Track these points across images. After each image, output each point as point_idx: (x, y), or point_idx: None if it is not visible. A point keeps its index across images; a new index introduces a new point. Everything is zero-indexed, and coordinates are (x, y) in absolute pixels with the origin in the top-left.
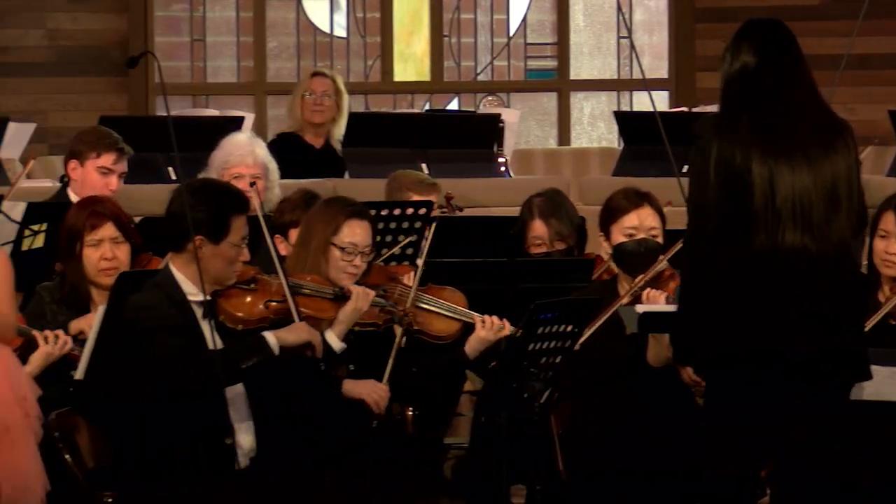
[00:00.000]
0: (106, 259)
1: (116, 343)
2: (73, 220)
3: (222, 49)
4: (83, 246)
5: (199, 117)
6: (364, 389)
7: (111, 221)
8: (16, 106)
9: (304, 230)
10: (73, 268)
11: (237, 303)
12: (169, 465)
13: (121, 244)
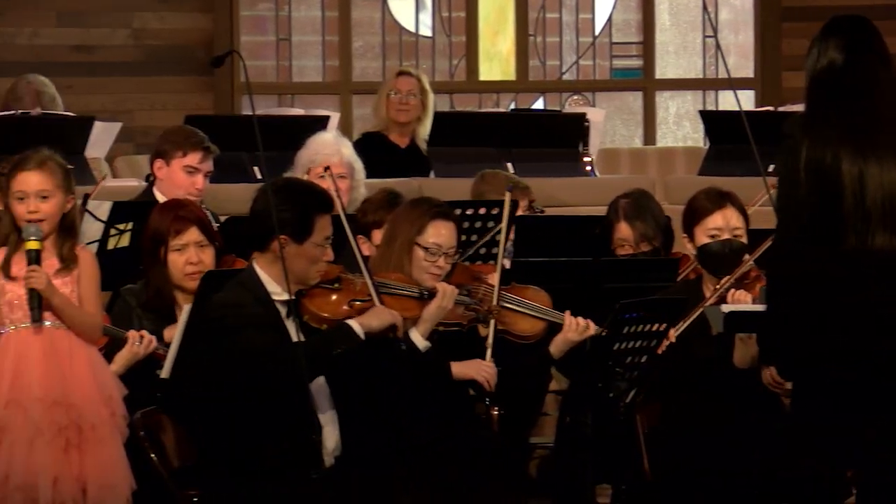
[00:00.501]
0: (191, 263)
1: (202, 341)
2: (157, 224)
3: (308, 48)
4: (168, 251)
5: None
6: (472, 369)
7: (195, 225)
8: (102, 105)
9: (389, 229)
10: (158, 272)
11: (321, 302)
12: (254, 464)
13: (205, 248)
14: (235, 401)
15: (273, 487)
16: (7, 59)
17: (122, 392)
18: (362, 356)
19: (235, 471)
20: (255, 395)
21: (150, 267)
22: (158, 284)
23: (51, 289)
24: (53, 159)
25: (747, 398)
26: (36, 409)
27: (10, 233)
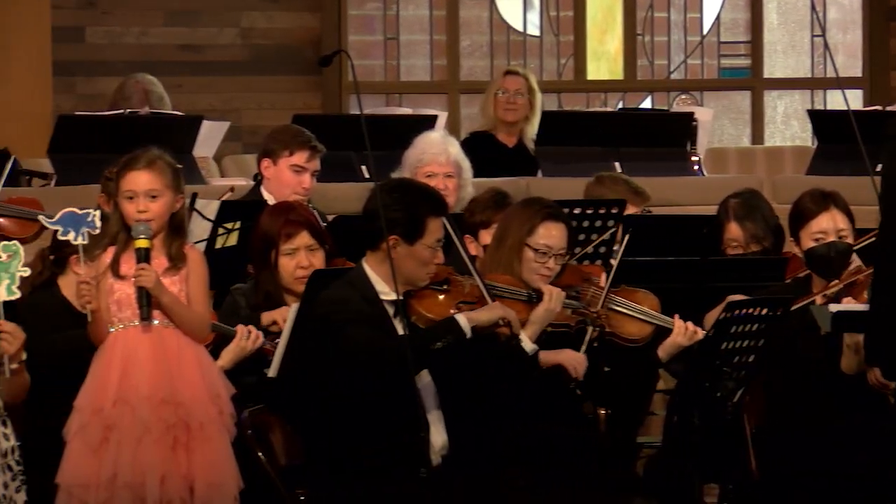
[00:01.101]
0: (302, 267)
1: (309, 339)
2: (268, 228)
3: (416, 47)
4: (279, 255)
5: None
6: (562, 356)
7: (306, 229)
8: (210, 104)
9: (499, 230)
10: (268, 276)
11: (429, 303)
12: (361, 462)
13: (315, 251)
14: (342, 398)
15: (380, 486)
16: (115, 59)
17: (230, 391)
18: (470, 354)
19: (343, 469)
20: (362, 392)
21: (260, 270)
22: (268, 288)
23: (160, 287)
24: (163, 159)
25: (854, 398)
26: (144, 408)
27: (118, 231)
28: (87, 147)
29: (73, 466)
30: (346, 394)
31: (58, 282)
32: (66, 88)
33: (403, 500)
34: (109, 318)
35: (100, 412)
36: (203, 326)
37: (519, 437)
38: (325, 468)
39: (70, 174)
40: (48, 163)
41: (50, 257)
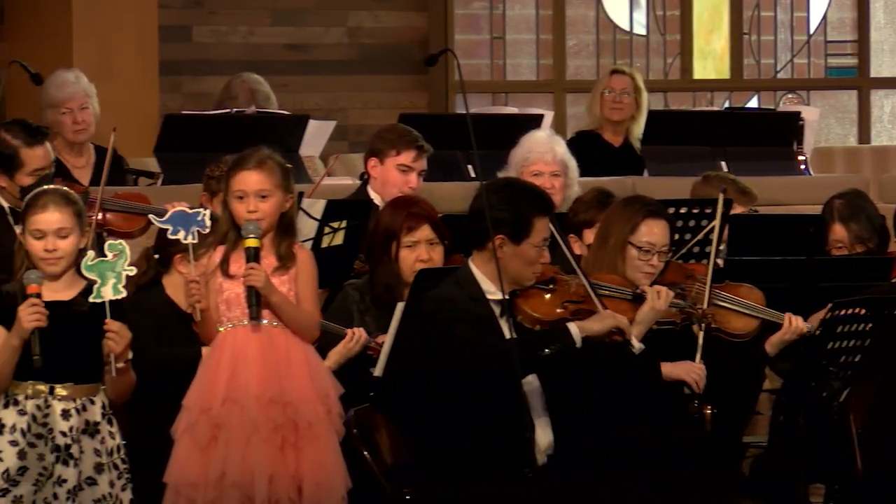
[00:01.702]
0: (422, 261)
1: (415, 338)
2: (389, 221)
3: (522, 47)
4: (399, 247)
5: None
6: (681, 370)
7: (428, 223)
8: (316, 104)
9: (601, 229)
10: (387, 269)
11: (535, 303)
12: (467, 461)
13: (435, 246)
14: (449, 398)
15: (485, 485)
16: (222, 58)
17: (338, 390)
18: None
19: (449, 468)
20: (468, 392)
21: (379, 262)
22: (388, 280)
23: (269, 287)
24: (273, 158)
25: None
26: (252, 407)
27: (228, 231)
28: (194, 146)
29: (181, 465)
30: (453, 393)
31: (162, 281)
32: (172, 88)
33: (508, 499)
34: (218, 317)
35: (208, 411)
36: (312, 326)
37: (624, 437)
38: (431, 467)
39: (176, 173)
40: (154, 162)
41: (154, 257)
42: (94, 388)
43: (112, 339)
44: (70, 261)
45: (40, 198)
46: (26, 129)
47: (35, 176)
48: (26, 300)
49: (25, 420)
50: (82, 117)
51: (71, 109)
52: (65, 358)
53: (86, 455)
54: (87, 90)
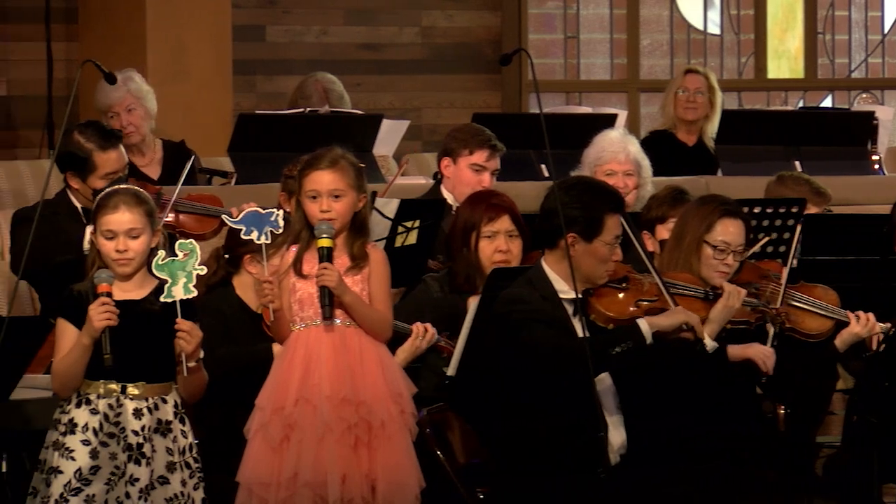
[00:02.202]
0: (500, 251)
1: (487, 337)
2: (470, 211)
3: (596, 46)
4: (479, 237)
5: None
6: (751, 350)
7: (507, 214)
8: (390, 103)
9: (677, 228)
10: (465, 259)
11: (608, 301)
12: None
13: (515, 238)
14: (522, 397)
15: (558, 484)
16: (295, 58)
17: (411, 389)
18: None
19: (522, 468)
20: (541, 391)
21: (458, 253)
22: (467, 271)
23: (342, 287)
24: (346, 158)
25: None
26: (325, 407)
27: (301, 230)
28: (268, 146)
29: (253, 465)
30: (526, 392)
31: (232, 281)
32: (246, 87)
33: (581, 498)
34: (291, 316)
35: (281, 411)
36: (385, 326)
37: (697, 436)
38: (504, 467)
39: (250, 173)
40: (228, 161)
41: (224, 257)
42: (166, 388)
43: (183, 339)
44: (141, 261)
45: (111, 198)
46: (100, 131)
47: (108, 179)
48: (97, 299)
49: (98, 419)
50: (129, 120)
51: (117, 113)
52: (136, 357)
53: (158, 454)
54: (135, 92)
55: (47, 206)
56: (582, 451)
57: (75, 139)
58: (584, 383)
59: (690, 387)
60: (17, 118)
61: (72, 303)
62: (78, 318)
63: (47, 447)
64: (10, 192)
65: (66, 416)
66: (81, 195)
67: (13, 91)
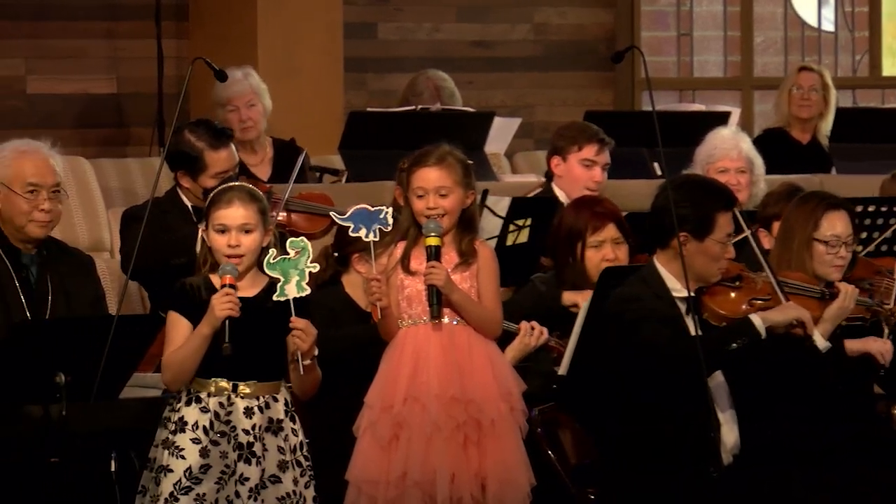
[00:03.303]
0: (607, 260)
1: (600, 336)
2: (574, 221)
3: (709, 44)
4: (585, 247)
5: (684, 112)
6: (869, 344)
7: (613, 222)
8: (502, 101)
9: (782, 229)
10: (573, 269)
11: (721, 300)
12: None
13: (621, 245)
14: (634, 396)
15: (671, 485)
16: (406, 55)
17: (521, 387)
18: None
19: (633, 468)
20: (654, 390)
21: (564, 263)
22: (574, 281)
23: (450, 285)
24: (453, 155)
25: None
26: (434, 406)
27: (409, 227)
28: (379, 143)
29: (362, 463)
30: (638, 391)
31: (341, 279)
32: (357, 85)
33: (693, 499)
34: (399, 314)
35: (390, 409)
36: (494, 323)
37: (811, 436)
38: (616, 467)
39: (361, 171)
40: (339, 159)
41: (333, 255)
42: (277, 386)
43: (298, 337)
44: (252, 258)
45: (225, 193)
46: (211, 130)
47: (218, 178)
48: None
49: (208, 417)
50: (248, 115)
51: (237, 107)
52: (248, 355)
53: (269, 453)
54: (256, 88)
55: (157, 205)
56: (694, 450)
57: (186, 138)
58: (698, 382)
59: (804, 385)
60: (127, 116)
61: (184, 296)
62: (190, 312)
63: (157, 445)
64: (119, 191)
65: (176, 414)
66: (192, 194)
67: (123, 89)
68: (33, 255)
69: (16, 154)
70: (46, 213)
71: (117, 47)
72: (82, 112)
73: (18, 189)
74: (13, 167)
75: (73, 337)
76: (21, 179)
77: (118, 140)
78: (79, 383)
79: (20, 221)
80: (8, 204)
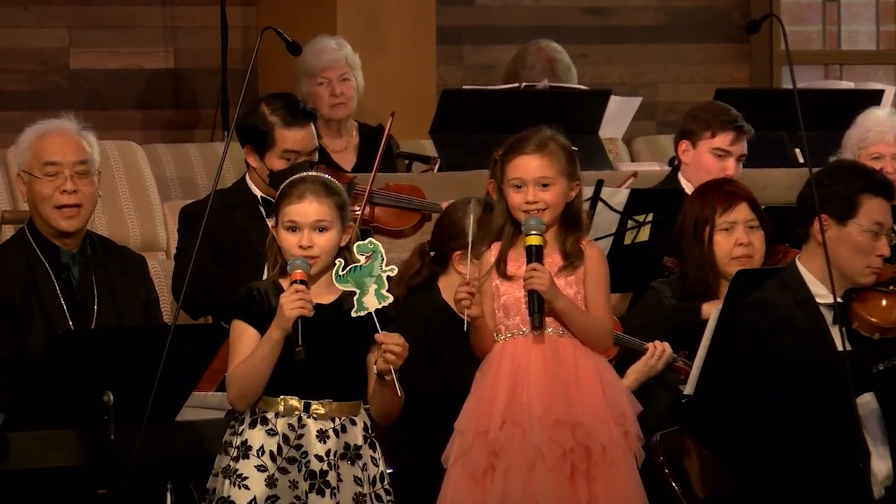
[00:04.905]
0: (741, 244)
1: (733, 350)
2: (701, 203)
3: (859, 11)
4: (713, 231)
5: (830, 90)
6: None
7: (745, 202)
8: (619, 77)
9: None
10: (698, 257)
11: (873, 307)
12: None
13: (755, 230)
14: (771, 420)
15: None
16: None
17: (635, 408)
18: None
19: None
20: (794, 413)
21: (690, 252)
22: (700, 271)
23: (554, 291)
24: (556, 140)
25: None
26: (536, 430)
27: (504, 225)
28: (476, 127)
29: (453, 497)
30: (776, 414)
31: (438, 283)
32: (451, 59)
33: None
34: (495, 325)
35: (485, 435)
36: (604, 335)
37: None
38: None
39: (456, 158)
40: (430, 144)
41: (430, 254)
42: (356, 407)
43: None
44: (328, 260)
45: (297, 186)
46: (289, 106)
47: (286, 159)
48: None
49: (275, 441)
50: (342, 89)
51: (329, 80)
52: (323, 370)
53: (345, 484)
54: (351, 60)
55: (222, 199)
56: (840, 482)
57: (260, 110)
58: (844, 405)
59: None
60: (186, 95)
61: (251, 303)
62: (258, 320)
63: (216, 474)
64: (178, 181)
65: (238, 438)
66: (258, 176)
67: (182, 63)
68: (75, 254)
69: (35, 135)
70: (70, 194)
71: (175, 15)
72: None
73: (37, 172)
74: (31, 149)
75: (123, 350)
76: (39, 160)
77: (176, 123)
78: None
79: (45, 210)
80: (31, 193)
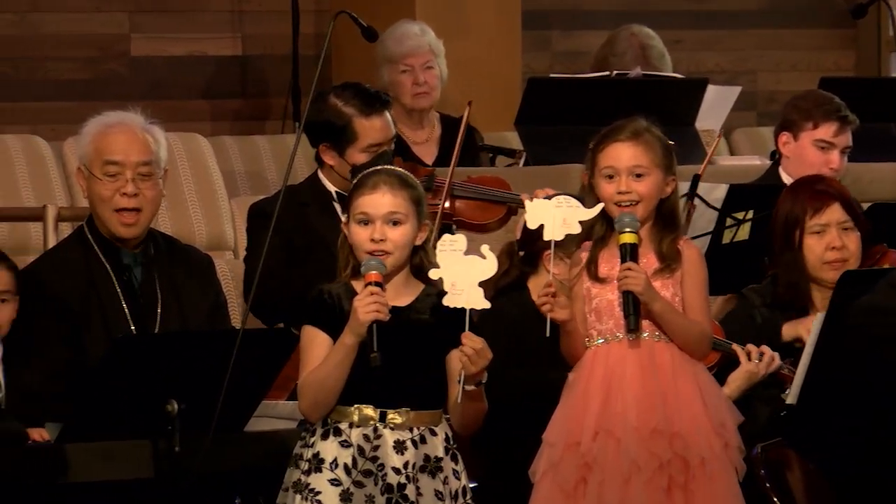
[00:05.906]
0: (833, 248)
1: (839, 357)
2: (790, 203)
3: None
4: (803, 234)
5: None
6: None
7: (838, 202)
8: (717, 65)
9: None
10: (790, 261)
11: None
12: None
13: (849, 231)
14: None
15: None
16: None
17: (736, 419)
18: None
19: None
20: None
21: (780, 255)
22: (791, 277)
23: (651, 292)
24: (651, 131)
25: None
26: (632, 441)
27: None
28: (564, 118)
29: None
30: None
31: (528, 284)
32: (538, 45)
33: None
34: (586, 330)
35: (576, 447)
36: (703, 339)
37: None
38: None
39: (542, 150)
40: (515, 137)
41: (519, 253)
42: (436, 416)
43: (469, 355)
44: (402, 256)
45: (370, 178)
46: (361, 94)
47: (370, 153)
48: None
49: (350, 453)
50: (425, 78)
51: (412, 67)
52: (400, 377)
53: (425, 498)
54: (434, 47)
55: (293, 196)
56: None
57: (331, 103)
58: None
59: None
60: (254, 84)
61: (321, 307)
62: (330, 325)
63: (286, 489)
64: (246, 175)
65: (309, 450)
66: (337, 174)
67: (250, 50)
68: (137, 254)
69: (99, 129)
70: (131, 197)
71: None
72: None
73: (98, 171)
74: (93, 144)
75: (188, 355)
76: (100, 158)
77: (243, 113)
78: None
79: (104, 213)
80: (91, 192)
